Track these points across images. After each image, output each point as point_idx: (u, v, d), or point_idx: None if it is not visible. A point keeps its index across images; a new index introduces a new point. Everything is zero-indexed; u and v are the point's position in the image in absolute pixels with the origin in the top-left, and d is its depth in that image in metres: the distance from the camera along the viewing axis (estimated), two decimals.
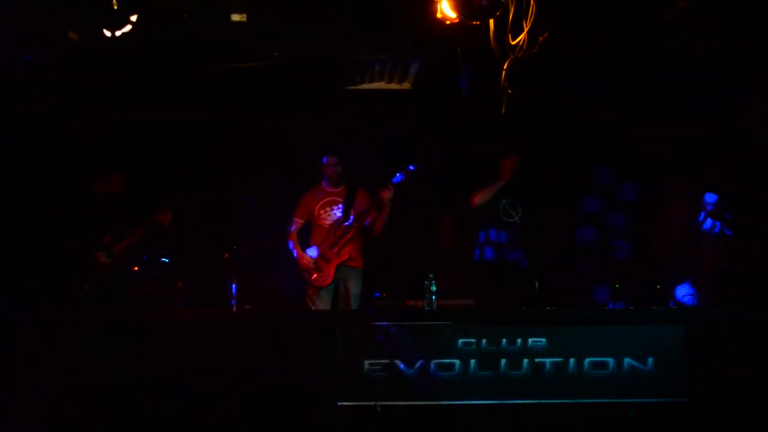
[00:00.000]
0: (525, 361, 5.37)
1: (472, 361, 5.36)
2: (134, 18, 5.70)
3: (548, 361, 5.37)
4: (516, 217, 6.88)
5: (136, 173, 6.89)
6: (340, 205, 6.88)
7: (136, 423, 5.25)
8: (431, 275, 5.78)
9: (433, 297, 5.76)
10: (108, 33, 5.68)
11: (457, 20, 5.32)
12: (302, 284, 6.86)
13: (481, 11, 5.21)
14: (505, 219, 6.87)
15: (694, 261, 6.66)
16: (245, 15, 6.17)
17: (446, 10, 5.29)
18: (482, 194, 6.84)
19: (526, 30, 5.29)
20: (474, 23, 5.32)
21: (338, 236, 6.80)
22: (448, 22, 5.38)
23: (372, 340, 5.41)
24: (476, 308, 6.73)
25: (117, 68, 6.61)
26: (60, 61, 6.45)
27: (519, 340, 5.39)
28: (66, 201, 6.84)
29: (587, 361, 5.36)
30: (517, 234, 6.85)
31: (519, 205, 6.88)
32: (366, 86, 7.62)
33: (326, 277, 6.76)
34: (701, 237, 6.70)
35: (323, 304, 6.75)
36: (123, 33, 5.71)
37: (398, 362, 5.37)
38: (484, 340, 5.38)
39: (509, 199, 6.86)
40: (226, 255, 6.39)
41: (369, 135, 7.81)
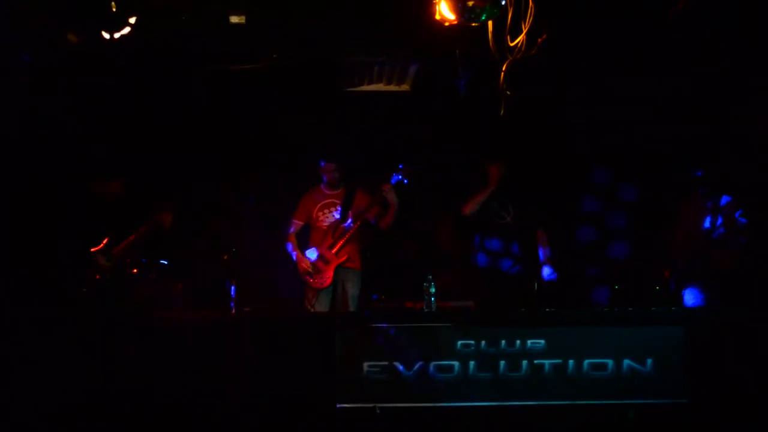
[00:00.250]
0: (524, 363, 5.37)
1: (472, 363, 5.37)
2: (133, 20, 5.70)
3: (547, 363, 5.37)
4: (508, 218, 6.89)
5: (136, 175, 6.88)
6: (339, 207, 6.88)
7: (136, 424, 5.26)
8: (430, 277, 5.78)
9: (432, 299, 5.75)
10: (107, 35, 5.68)
11: (456, 22, 5.31)
12: (301, 286, 6.87)
13: (479, 13, 5.19)
14: (498, 221, 6.88)
15: (704, 265, 6.58)
16: (244, 17, 6.17)
17: (445, 12, 5.28)
18: (471, 204, 6.88)
19: (525, 32, 5.29)
20: (472, 25, 5.31)
21: (336, 238, 6.80)
22: (447, 24, 5.36)
23: (371, 342, 5.41)
24: (475, 310, 6.74)
25: (116, 69, 6.61)
26: (59, 62, 6.45)
27: (518, 342, 5.39)
28: (66, 201, 6.84)
29: (586, 363, 5.36)
30: (509, 241, 6.86)
31: (510, 206, 6.89)
32: (365, 88, 7.63)
33: (325, 279, 6.76)
34: (712, 241, 6.63)
35: (322, 306, 6.76)
36: (122, 35, 5.70)
37: (397, 364, 5.37)
38: (483, 342, 5.39)
39: (500, 201, 6.88)
40: (225, 257, 6.37)
41: (368, 137, 7.81)
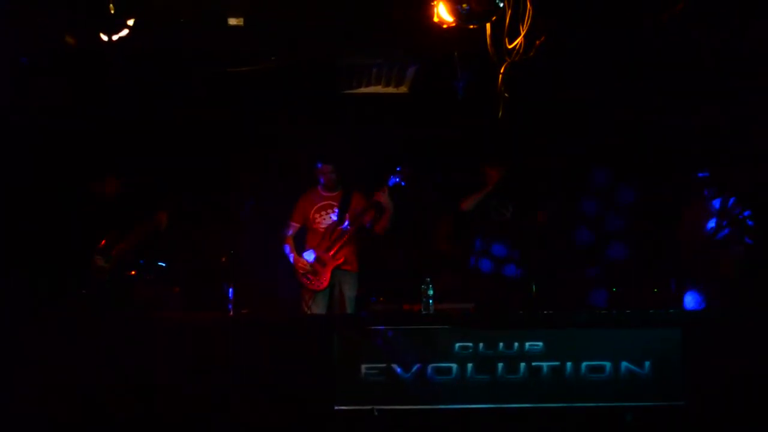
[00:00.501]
0: (522, 365, 5.36)
1: (470, 365, 5.36)
2: (131, 22, 5.70)
3: (545, 365, 5.37)
4: (508, 215, 6.94)
5: (133, 176, 6.88)
6: (336, 209, 6.88)
7: (135, 425, 5.26)
8: (428, 279, 5.78)
9: (430, 301, 5.76)
10: (105, 37, 5.68)
11: (454, 24, 5.31)
12: (299, 288, 6.86)
13: (478, 15, 5.20)
14: (497, 218, 6.91)
15: (706, 267, 6.56)
16: (242, 19, 6.17)
17: (443, 14, 5.29)
18: (469, 201, 6.98)
19: (523, 34, 5.30)
20: (471, 27, 5.31)
21: (333, 240, 6.80)
22: (445, 26, 5.37)
23: (369, 344, 5.42)
24: (473, 312, 6.72)
25: (114, 72, 6.61)
26: (57, 65, 6.45)
27: (516, 344, 5.39)
28: (65, 201, 6.84)
29: (584, 365, 5.36)
30: (513, 246, 6.88)
31: (509, 204, 6.93)
32: (363, 90, 7.63)
33: (322, 281, 6.76)
34: (716, 242, 6.60)
35: (319, 308, 6.75)
36: (120, 37, 5.71)
37: (395, 366, 5.37)
38: (481, 344, 5.38)
39: (500, 200, 6.91)
40: (224, 259, 6.38)
41: (366, 138, 7.80)
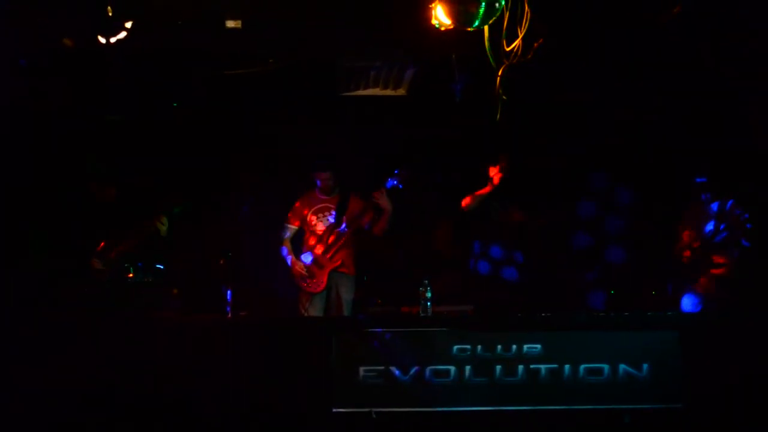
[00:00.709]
0: (520, 368, 5.36)
1: (467, 368, 5.36)
2: (129, 24, 5.70)
3: (543, 368, 5.36)
4: (510, 214, 6.95)
5: (131, 179, 6.88)
6: (333, 212, 6.88)
7: (134, 425, 5.26)
8: (426, 282, 5.79)
9: (429, 303, 5.76)
10: (103, 39, 5.69)
11: (452, 26, 5.32)
12: (296, 290, 6.86)
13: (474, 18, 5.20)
14: (501, 219, 6.92)
15: (704, 271, 6.54)
16: (240, 21, 6.18)
17: (441, 17, 5.29)
18: (470, 200, 6.93)
19: (521, 36, 5.30)
20: (469, 30, 5.31)
21: (331, 242, 6.80)
22: (443, 29, 5.38)
23: (367, 347, 5.41)
24: (471, 314, 6.72)
25: (113, 72, 6.61)
26: (57, 65, 6.45)
27: (514, 347, 5.38)
28: (65, 202, 6.84)
29: (582, 368, 5.36)
30: (511, 248, 6.88)
31: (509, 205, 6.93)
32: (361, 92, 7.62)
33: (319, 284, 6.76)
34: (714, 245, 6.59)
35: (316, 311, 6.75)
36: (118, 39, 5.71)
37: (393, 368, 5.37)
38: (479, 347, 5.38)
39: (501, 200, 6.91)
40: (222, 261, 6.38)
41: (364, 140, 7.80)
